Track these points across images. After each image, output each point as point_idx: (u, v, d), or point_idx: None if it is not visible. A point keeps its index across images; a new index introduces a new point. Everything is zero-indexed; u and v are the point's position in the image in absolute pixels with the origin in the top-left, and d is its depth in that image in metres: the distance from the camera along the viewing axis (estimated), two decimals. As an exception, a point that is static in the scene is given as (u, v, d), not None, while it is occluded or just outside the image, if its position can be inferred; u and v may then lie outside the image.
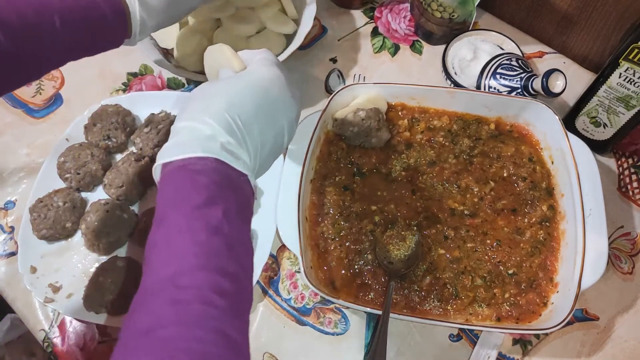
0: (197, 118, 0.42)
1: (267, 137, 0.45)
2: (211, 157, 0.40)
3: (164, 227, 0.38)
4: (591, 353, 0.65)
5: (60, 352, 0.66)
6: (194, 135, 0.41)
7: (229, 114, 0.42)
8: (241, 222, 0.40)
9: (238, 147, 0.42)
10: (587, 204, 0.61)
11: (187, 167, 0.40)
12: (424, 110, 0.72)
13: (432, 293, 0.62)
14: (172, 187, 0.40)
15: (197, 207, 0.38)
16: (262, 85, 0.45)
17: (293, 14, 0.78)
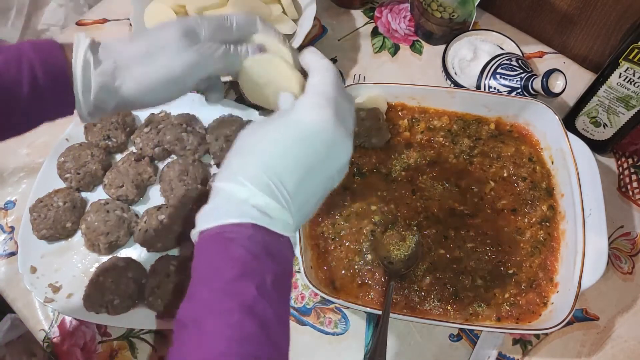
0: (234, 179, 0.39)
1: (313, 190, 0.41)
2: (247, 222, 0.37)
3: (195, 305, 0.36)
4: (591, 353, 0.65)
5: (60, 352, 0.66)
6: (230, 198, 0.38)
7: (268, 173, 0.38)
8: (278, 295, 0.37)
9: (278, 207, 0.38)
10: (587, 204, 0.61)
11: (222, 235, 0.37)
12: (424, 110, 0.72)
13: (432, 293, 0.62)
14: (205, 258, 0.38)
15: (229, 283, 0.35)
16: (308, 137, 0.40)
17: (293, 14, 0.78)
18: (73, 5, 1.20)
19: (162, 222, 0.68)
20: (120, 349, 0.66)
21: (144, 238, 0.68)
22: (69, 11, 1.20)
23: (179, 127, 0.73)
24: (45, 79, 0.40)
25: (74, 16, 1.19)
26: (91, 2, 1.18)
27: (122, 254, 0.69)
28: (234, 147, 0.42)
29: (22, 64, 0.40)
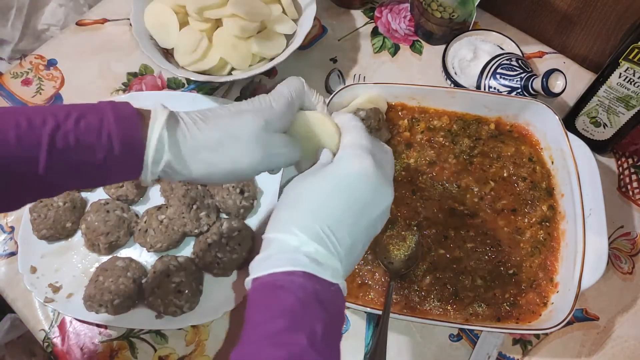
0: (285, 229, 0.40)
1: (358, 236, 0.42)
2: (298, 270, 0.38)
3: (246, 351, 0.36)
4: (591, 353, 0.65)
5: (60, 352, 0.66)
6: (281, 247, 0.40)
7: (317, 222, 0.40)
8: (327, 344, 0.37)
9: (327, 255, 0.40)
10: (587, 204, 0.61)
11: (273, 284, 0.38)
12: (424, 110, 0.72)
13: (432, 293, 0.62)
14: (257, 306, 0.39)
15: (280, 333, 0.36)
16: (352, 184, 0.42)
17: (293, 14, 0.78)
18: (73, 5, 1.20)
19: (162, 222, 0.68)
20: (120, 349, 0.66)
21: (143, 238, 0.68)
22: (69, 11, 1.20)
23: (179, 127, 0.73)
24: (120, 150, 0.41)
25: (74, 16, 1.20)
26: (91, 2, 1.18)
27: (122, 254, 0.69)
28: (280, 200, 0.44)
29: (102, 134, 0.40)
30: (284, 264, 0.39)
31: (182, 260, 0.66)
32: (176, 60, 0.77)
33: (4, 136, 0.37)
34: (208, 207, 0.69)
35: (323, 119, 0.49)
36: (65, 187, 0.43)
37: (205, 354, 0.65)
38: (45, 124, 0.39)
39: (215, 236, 0.67)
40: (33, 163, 0.38)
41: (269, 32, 0.77)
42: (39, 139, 0.38)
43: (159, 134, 0.42)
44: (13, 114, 0.39)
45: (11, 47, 1.20)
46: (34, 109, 0.40)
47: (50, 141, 0.38)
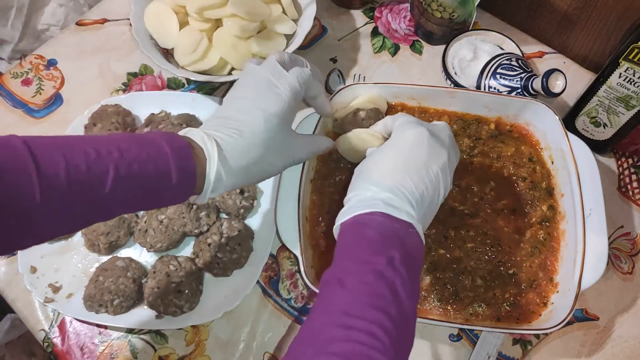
0: (360, 187, 0.49)
1: (424, 186, 0.48)
2: (377, 211, 0.46)
3: (337, 269, 0.44)
4: (591, 353, 0.65)
5: (60, 352, 0.66)
6: (361, 198, 0.48)
7: (385, 178, 0.48)
8: (406, 269, 0.43)
9: (399, 200, 0.47)
10: (587, 204, 0.61)
11: (357, 222, 0.46)
12: (424, 110, 0.72)
13: (432, 293, 0.62)
14: (346, 240, 0.47)
15: (365, 256, 0.43)
16: (407, 146, 0.51)
17: (293, 14, 0.78)
18: (73, 5, 1.20)
19: (162, 222, 0.68)
20: (120, 349, 0.66)
21: (143, 238, 0.68)
22: (69, 11, 1.20)
23: (179, 127, 0.73)
24: (177, 179, 0.45)
25: (74, 16, 1.20)
26: (91, 2, 1.18)
27: (122, 254, 0.69)
28: (353, 177, 0.51)
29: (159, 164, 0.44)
30: (364, 207, 0.46)
31: (182, 260, 0.66)
32: (176, 60, 0.77)
33: (75, 163, 0.40)
34: (208, 207, 0.69)
35: (360, 134, 0.61)
36: (123, 211, 0.46)
37: (205, 354, 0.65)
38: (110, 154, 0.42)
39: (215, 236, 0.67)
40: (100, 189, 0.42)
41: (269, 32, 0.77)
42: (107, 167, 0.42)
43: (216, 169, 0.47)
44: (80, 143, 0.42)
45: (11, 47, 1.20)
46: (97, 139, 0.44)
47: (116, 170, 0.42)
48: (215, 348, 0.66)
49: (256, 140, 0.49)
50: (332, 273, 0.44)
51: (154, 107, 0.76)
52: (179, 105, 0.77)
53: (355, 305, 0.40)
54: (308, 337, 0.40)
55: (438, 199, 0.50)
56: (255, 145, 0.49)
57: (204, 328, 0.67)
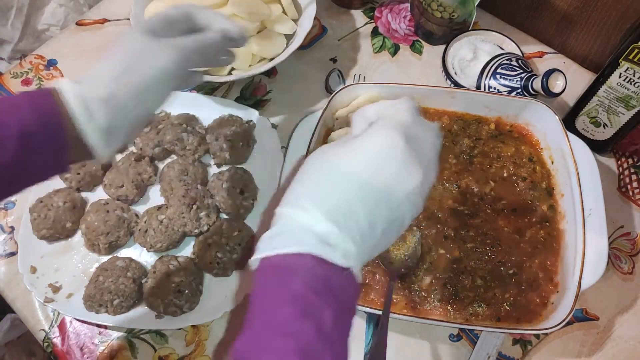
0: (296, 202, 0.38)
1: (378, 217, 0.38)
2: (307, 253, 0.36)
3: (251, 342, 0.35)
4: (591, 353, 0.65)
5: (60, 352, 0.66)
6: (291, 224, 0.37)
7: (330, 196, 0.37)
8: (338, 335, 0.35)
9: (339, 234, 0.36)
10: (587, 204, 0.61)
11: (282, 266, 0.36)
12: (424, 110, 0.72)
13: (432, 293, 0.62)
14: (264, 290, 0.36)
15: (287, 322, 0.34)
16: (370, 156, 0.39)
17: (293, 14, 0.78)
18: (73, 5, 1.21)
19: (162, 222, 0.68)
20: (120, 349, 0.66)
21: (144, 238, 0.68)
22: (69, 11, 1.21)
23: (179, 127, 0.73)
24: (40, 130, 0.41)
25: (74, 16, 1.20)
26: (91, 2, 1.18)
27: (122, 254, 0.69)
28: (298, 172, 0.40)
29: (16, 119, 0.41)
30: (292, 244, 0.36)
31: (182, 260, 0.66)
32: (176, 60, 0.77)
33: None
34: (208, 207, 0.69)
35: None
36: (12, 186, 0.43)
37: (205, 354, 0.65)
38: None
39: (215, 236, 0.67)
40: None
41: (269, 32, 0.77)
42: None
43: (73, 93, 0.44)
44: None
45: (11, 47, 1.20)
46: None
47: None
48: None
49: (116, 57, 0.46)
50: (245, 346, 0.34)
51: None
52: (179, 105, 0.77)
53: None
54: None
55: (398, 228, 0.40)
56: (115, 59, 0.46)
57: (204, 328, 0.67)
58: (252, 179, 0.72)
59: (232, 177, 0.70)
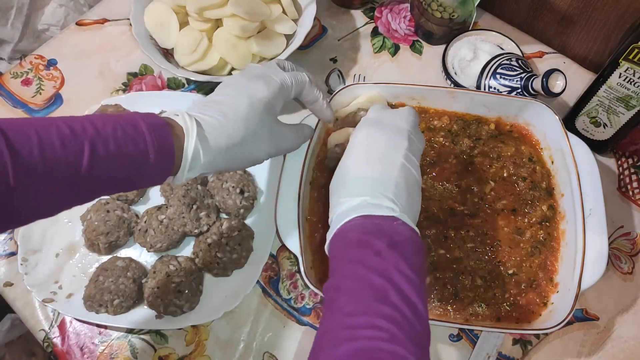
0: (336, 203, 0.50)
1: (395, 178, 0.48)
2: (355, 216, 0.46)
3: (332, 278, 0.45)
4: (591, 353, 0.65)
5: (60, 352, 0.66)
6: (338, 213, 0.48)
7: (354, 183, 0.49)
8: (397, 254, 0.43)
9: (374, 199, 0.47)
10: (587, 204, 0.61)
11: (340, 233, 0.47)
12: (424, 110, 0.72)
13: (432, 293, 0.62)
14: (334, 250, 0.48)
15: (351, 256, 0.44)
16: (361, 149, 0.51)
17: (293, 14, 0.78)
18: (73, 5, 1.21)
19: (162, 222, 0.68)
20: (120, 349, 0.66)
21: (143, 238, 0.68)
22: (69, 11, 1.21)
23: (179, 127, 0.73)
24: (155, 159, 0.45)
25: (74, 16, 1.20)
26: (91, 2, 1.18)
27: (122, 254, 0.69)
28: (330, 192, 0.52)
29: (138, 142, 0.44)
30: (343, 219, 0.47)
31: (182, 260, 0.66)
32: (176, 60, 0.77)
33: (49, 140, 0.39)
34: (208, 207, 0.69)
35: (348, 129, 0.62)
36: (101, 192, 0.45)
37: (205, 354, 0.65)
38: (85, 130, 0.41)
39: (215, 236, 0.67)
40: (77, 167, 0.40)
41: (269, 32, 0.77)
42: (82, 144, 0.40)
43: (194, 146, 0.46)
44: (53, 121, 0.41)
45: (11, 47, 1.20)
46: (72, 118, 0.43)
47: (92, 147, 0.41)
48: (215, 348, 0.66)
49: (238, 122, 0.49)
50: (328, 283, 0.44)
51: (154, 107, 0.76)
52: (179, 105, 0.76)
53: (353, 304, 0.40)
54: (318, 346, 0.40)
55: (415, 184, 0.50)
56: (237, 127, 0.49)
57: (204, 328, 0.67)
58: (252, 179, 0.72)
59: (232, 177, 0.70)
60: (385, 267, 0.42)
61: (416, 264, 0.44)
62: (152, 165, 0.44)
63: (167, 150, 0.45)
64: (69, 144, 0.40)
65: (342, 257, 0.45)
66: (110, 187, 0.45)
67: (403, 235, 0.45)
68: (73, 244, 0.70)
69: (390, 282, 0.41)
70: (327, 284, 0.45)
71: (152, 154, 0.44)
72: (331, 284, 0.44)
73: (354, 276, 0.42)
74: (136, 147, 0.43)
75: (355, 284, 0.42)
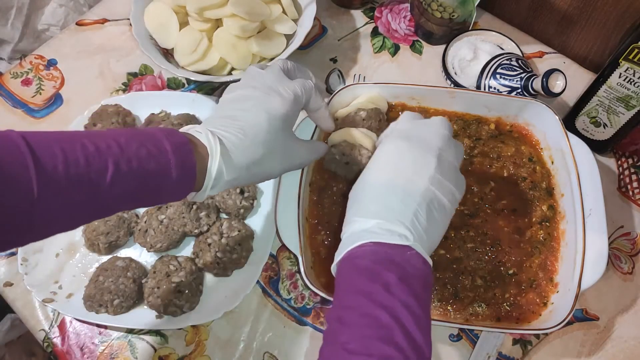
0: (349, 220, 0.48)
1: (415, 204, 0.46)
2: (367, 242, 0.44)
3: (336, 307, 0.44)
4: (591, 353, 0.65)
5: (60, 352, 0.66)
6: (351, 233, 0.47)
7: (371, 203, 0.47)
8: (406, 291, 0.41)
9: (389, 224, 0.45)
10: (587, 204, 0.61)
11: (350, 258, 0.45)
12: (424, 110, 0.72)
13: (432, 293, 0.62)
14: (341, 276, 0.46)
15: (359, 286, 0.42)
16: (385, 165, 0.49)
17: (293, 14, 0.78)
18: (73, 5, 1.21)
19: (162, 222, 0.68)
20: (120, 349, 0.66)
21: (143, 238, 0.68)
22: (69, 11, 1.21)
23: (179, 127, 0.72)
24: (177, 177, 0.45)
25: (74, 16, 1.20)
26: (91, 2, 1.18)
27: (122, 254, 0.69)
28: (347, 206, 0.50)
29: (161, 161, 0.44)
30: (354, 241, 0.45)
31: (182, 260, 0.66)
32: (176, 60, 0.77)
33: (74, 157, 0.40)
34: (208, 207, 0.69)
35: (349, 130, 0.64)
36: (122, 208, 0.45)
37: (205, 354, 0.65)
38: (110, 148, 0.42)
39: (215, 236, 0.67)
40: (100, 184, 0.41)
41: (269, 32, 0.77)
42: (106, 161, 0.41)
43: (218, 166, 0.46)
44: (78, 137, 0.41)
45: (11, 47, 1.20)
46: (97, 133, 0.43)
47: (115, 164, 0.41)
48: (215, 348, 0.66)
49: (259, 140, 0.49)
50: (331, 312, 0.44)
51: (154, 107, 0.76)
52: (179, 105, 0.77)
53: (356, 341, 0.39)
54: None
55: (440, 209, 0.47)
56: (258, 144, 0.49)
57: (204, 328, 0.67)
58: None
59: (232, 177, 0.70)
60: (393, 303, 0.40)
61: (425, 300, 0.43)
62: (173, 183, 0.45)
63: (189, 168, 0.45)
64: (93, 161, 0.40)
65: (349, 285, 0.43)
66: (129, 203, 0.45)
67: (414, 268, 0.44)
68: (73, 244, 0.70)
69: (397, 322, 0.39)
70: (331, 313, 0.43)
71: (175, 172, 0.44)
72: (335, 315, 0.42)
73: (360, 310, 0.41)
74: (159, 165, 0.44)
75: (361, 319, 0.40)
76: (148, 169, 0.43)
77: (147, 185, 0.44)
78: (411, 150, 0.49)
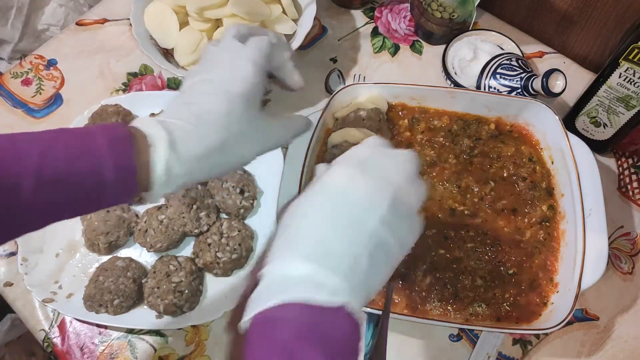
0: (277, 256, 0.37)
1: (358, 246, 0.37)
2: (291, 302, 0.34)
3: None
4: (591, 353, 0.65)
5: (60, 352, 0.66)
6: (274, 278, 0.36)
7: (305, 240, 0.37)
8: None
9: (321, 271, 0.35)
10: (587, 204, 0.61)
11: (268, 321, 0.35)
12: (424, 110, 0.72)
13: (432, 293, 0.62)
14: (253, 345, 0.35)
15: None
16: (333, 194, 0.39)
17: (293, 14, 0.78)
18: (73, 5, 1.20)
19: (162, 222, 0.68)
20: (120, 349, 0.66)
21: (143, 238, 0.68)
22: (69, 11, 1.20)
23: (179, 127, 0.73)
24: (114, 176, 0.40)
25: (74, 16, 1.20)
26: (91, 2, 1.18)
27: (122, 254, 0.69)
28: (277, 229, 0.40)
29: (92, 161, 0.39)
30: (275, 296, 0.35)
31: (182, 260, 0.66)
32: (176, 60, 0.77)
33: None
34: (208, 207, 0.69)
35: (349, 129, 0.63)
36: (53, 218, 0.40)
37: (205, 354, 0.65)
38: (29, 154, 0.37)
39: (215, 236, 0.67)
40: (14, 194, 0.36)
41: (269, 32, 0.77)
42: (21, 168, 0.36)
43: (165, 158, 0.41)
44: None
45: (11, 47, 1.20)
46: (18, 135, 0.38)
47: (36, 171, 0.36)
48: (215, 348, 0.66)
49: (217, 124, 0.43)
50: None
51: (154, 107, 0.76)
52: (179, 105, 0.77)
53: None
54: None
55: (387, 258, 0.39)
56: (216, 129, 0.43)
57: (204, 328, 0.67)
58: (252, 179, 0.72)
59: (232, 177, 0.70)
60: None
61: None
62: (110, 184, 0.40)
63: (126, 165, 0.40)
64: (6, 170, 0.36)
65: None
66: (64, 212, 0.40)
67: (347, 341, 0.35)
68: (73, 244, 0.70)
69: None
70: None
71: (110, 172, 0.39)
72: None
73: None
74: (90, 166, 0.39)
75: None
76: (78, 172, 0.38)
77: (79, 191, 0.39)
78: (366, 182, 0.39)
